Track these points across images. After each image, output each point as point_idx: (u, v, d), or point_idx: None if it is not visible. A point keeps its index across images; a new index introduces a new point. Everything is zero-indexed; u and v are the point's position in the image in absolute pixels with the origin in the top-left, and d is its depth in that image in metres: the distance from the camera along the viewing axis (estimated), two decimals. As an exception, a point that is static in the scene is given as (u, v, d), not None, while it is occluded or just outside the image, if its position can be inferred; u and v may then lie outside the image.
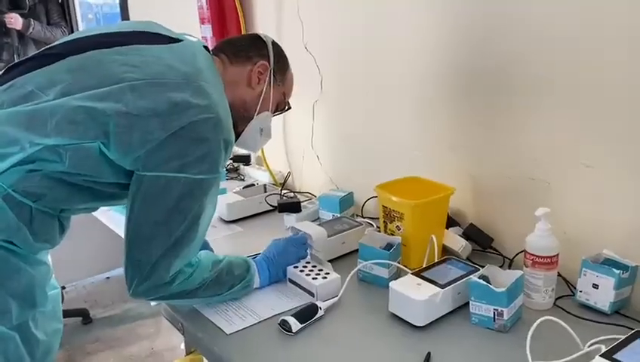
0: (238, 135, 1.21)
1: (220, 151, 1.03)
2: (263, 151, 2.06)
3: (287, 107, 1.32)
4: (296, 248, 1.28)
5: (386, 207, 1.32)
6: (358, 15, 1.62)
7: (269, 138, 1.32)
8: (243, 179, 2.13)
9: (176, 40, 1.13)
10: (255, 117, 1.23)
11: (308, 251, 1.29)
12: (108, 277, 2.97)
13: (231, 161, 2.21)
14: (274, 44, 1.25)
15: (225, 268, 1.14)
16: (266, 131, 1.28)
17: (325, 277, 1.18)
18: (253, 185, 1.91)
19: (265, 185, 1.88)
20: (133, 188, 1.01)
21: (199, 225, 1.05)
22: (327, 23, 1.73)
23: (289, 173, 2.00)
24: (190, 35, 1.20)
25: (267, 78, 1.21)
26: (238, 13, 2.01)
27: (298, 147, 1.98)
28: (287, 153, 2.04)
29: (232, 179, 2.13)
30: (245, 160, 2.21)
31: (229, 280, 1.15)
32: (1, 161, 0.95)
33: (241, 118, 1.20)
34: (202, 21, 2.05)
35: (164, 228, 1.01)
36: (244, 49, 1.21)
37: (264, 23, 1.98)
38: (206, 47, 1.17)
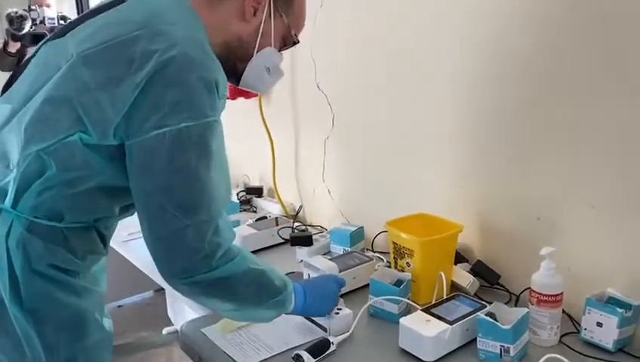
0: (240, 76, 1.12)
1: (199, 92, 0.92)
2: (275, 184, 2.12)
3: (294, 42, 1.16)
4: (336, 286, 1.22)
5: (396, 244, 1.37)
6: (369, 56, 1.69)
7: (281, 76, 1.19)
8: (255, 211, 2.18)
9: None
10: (255, 54, 1.09)
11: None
12: (120, 306, 3.00)
13: (244, 193, 2.27)
14: None
15: (266, 270, 1.05)
16: (273, 69, 1.14)
17: (337, 313, 1.21)
18: (266, 217, 1.96)
19: (277, 217, 1.93)
20: (128, 161, 0.93)
21: (210, 178, 0.94)
22: (338, 64, 1.80)
23: (301, 206, 2.05)
24: None
25: (265, 9, 1.07)
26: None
27: (310, 181, 2.03)
28: (298, 186, 2.10)
29: (244, 211, 2.18)
30: (258, 192, 2.27)
31: (269, 288, 1.05)
32: (5, 193, 0.94)
33: (240, 57, 1.09)
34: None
35: (170, 193, 0.92)
36: None
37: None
38: None
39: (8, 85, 1.05)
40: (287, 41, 1.14)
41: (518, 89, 1.32)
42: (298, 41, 1.16)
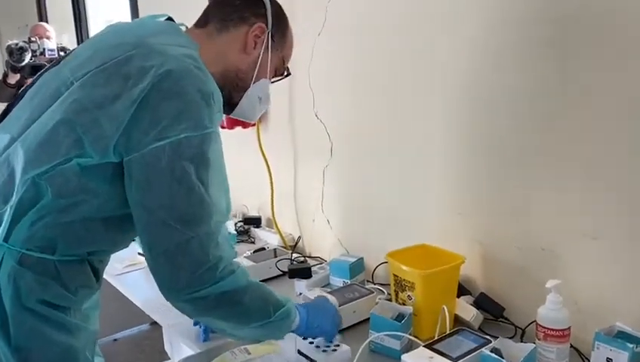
0: (235, 105, 1.13)
1: (197, 104, 0.92)
2: (273, 214, 2.10)
3: (286, 73, 1.19)
4: (333, 308, 1.22)
5: (397, 276, 1.33)
6: (367, 86, 1.69)
7: (268, 104, 1.20)
8: (253, 242, 2.15)
9: None
10: (252, 85, 1.12)
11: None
12: (115, 339, 2.95)
13: (242, 223, 2.24)
14: (272, 2, 1.12)
15: (265, 287, 1.06)
16: (264, 99, 1.16)
17: (335, 350, 1.18)
18: (264, 248, 1.93)
19: (275, 249, 1.90)
20: (127, 179, 0.92)
21: (210, 190, 0.94)
22: (337, 94, 1.80)
23: (299, 236, 2.02)
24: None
25: (264, 42, 1.10)
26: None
27: (308, 211, 2.00)
28: (297, 216, 2.07)
29: (242, 241, 2.15)
30: (256, 222, 2.24)
31: (273, 300, 1.05)
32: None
33: (236, 87, 1.11)
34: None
35: (172, 207, 0.91)
36: (237, 9, 1.08)
37: (277, 93, 2.05)
38: (170, 18, 1.11)
39: (4, 116, 1.04)
40: (279, 72, 1.17)
41: (513, 119, 1.31)
42: (290, 73, 1.20)
